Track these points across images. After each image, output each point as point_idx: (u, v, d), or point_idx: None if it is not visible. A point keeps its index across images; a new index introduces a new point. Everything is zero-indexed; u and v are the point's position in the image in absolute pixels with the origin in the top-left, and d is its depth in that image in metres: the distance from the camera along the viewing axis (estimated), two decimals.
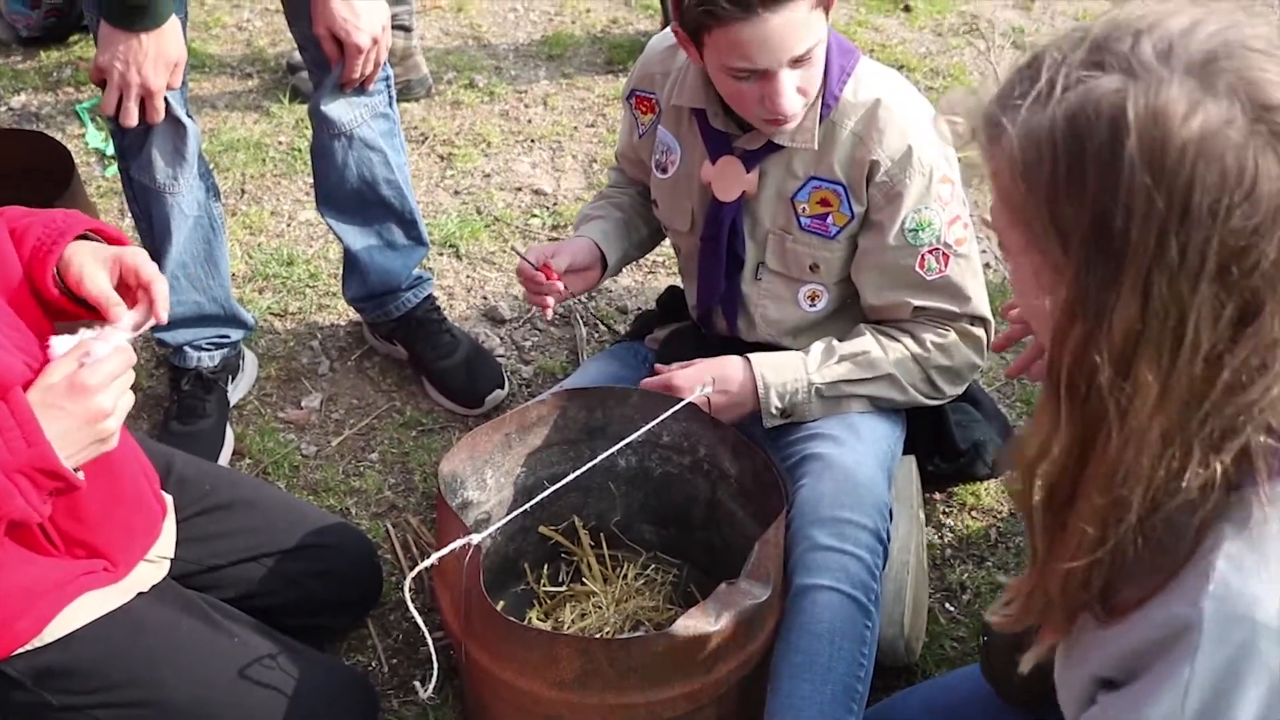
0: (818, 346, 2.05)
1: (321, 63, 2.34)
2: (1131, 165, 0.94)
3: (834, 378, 2.03)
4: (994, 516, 2.47)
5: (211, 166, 2.59)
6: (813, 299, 2.10)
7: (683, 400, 1.98)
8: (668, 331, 2.29)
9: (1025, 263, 1.08)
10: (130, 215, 2.45)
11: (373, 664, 2.20)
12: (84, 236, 1.71)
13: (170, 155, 2.30)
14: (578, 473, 1.88)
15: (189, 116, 2.28)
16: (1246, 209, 0.94)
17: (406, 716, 2.11)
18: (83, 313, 1.66)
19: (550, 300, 2.11)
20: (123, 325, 1.58)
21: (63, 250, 1.67)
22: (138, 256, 1.66)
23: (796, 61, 1.80)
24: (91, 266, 1.65)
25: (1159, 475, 1.02)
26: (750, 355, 2.05)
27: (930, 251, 1.98)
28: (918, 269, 1.99)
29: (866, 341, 2.04)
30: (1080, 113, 0.97)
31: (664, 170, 2.12)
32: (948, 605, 2.29)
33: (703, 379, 2.01)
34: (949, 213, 1.97)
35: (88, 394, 1.51)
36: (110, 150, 3.47)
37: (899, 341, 2.05)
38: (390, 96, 2.45)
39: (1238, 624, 1.02)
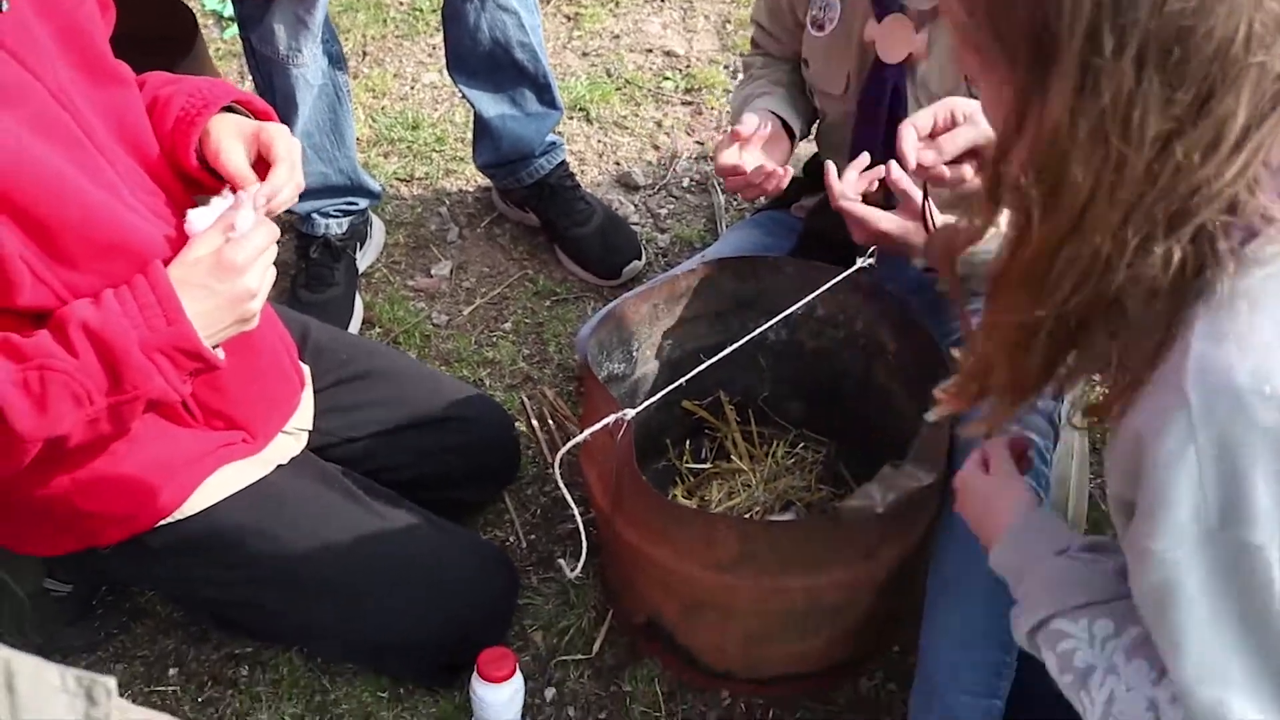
0: None
1: None
2: None
3: None
4: None
5: (335, 28, 2.49)
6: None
7: (845, 271, 1.85)
8: (817, 199, 2.15)
9: (985, 86, 1.08)
10: (251, 81, 2.37)
11: (510, 539, 2.15)
12: (228, 108, 1.64)
13: (293, 25, 2.22)
14: (733, 347, 1.78)
15: None
16: None
17: (546, 593, 2.06)
18: (221, 186, 1.59)
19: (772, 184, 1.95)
20: (257, 199, 1.50)
21: (205, 123, 1.60)
22: (277, 132, 1.58)
23: None
24: (229, 140, 1.58)
25: (1108, 257, 1.01)
26: None
27: None
28: None
29: None
30: None
31: (820, 28, 1.95)
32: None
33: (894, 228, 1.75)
34: None
35: (235, 272, 1.45)
36: (228, 11, 3.39)
37: None
38: None
39: (1221, 393, 0.99)
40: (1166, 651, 1.10)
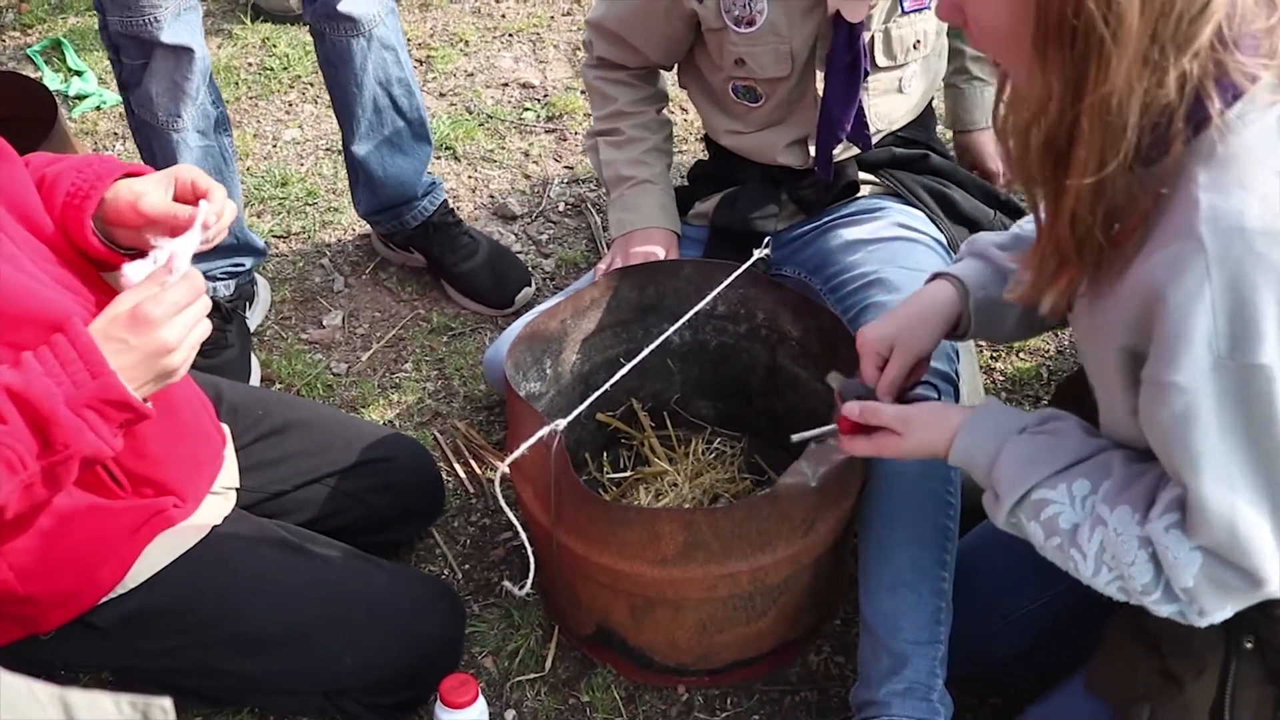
0: None
1: None
2: None
3: None
4: (1042, 356, 2.46)
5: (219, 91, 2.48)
6: (910, 81, 2.09)
7: (741, 266, 1.93)
8: (720, 197, 2.20)
9: None
10: (124, 148, 2.35)
11: (445, 572, 2.17)
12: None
13: (170, 90, 2.21)
14: (645, 352, 1.84)
15: (197, 39, 2.19)
16: None
17: (490, 618, 2.08)
18: (124, 260, 1.58)
19: None
20: (208, 218, 1.51)
21: (97, 199, 1.58)
22: (192, 171, 1.59)
23: None
24: (144, 185, 1.58)
25: (1142, 91, 1.13)
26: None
27: None
28: None
29: None
30: None
31: (750, 24, 1.99)
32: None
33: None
34: None
35: (150, 326, 1.43)
36: (71, 90, 3.34)
37: None
38: None
39: (1234, 236, 1.13)
40: (1183, 468, 1.22)
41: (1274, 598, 1.27)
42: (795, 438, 1.69)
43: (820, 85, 2.03)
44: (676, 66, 2.22)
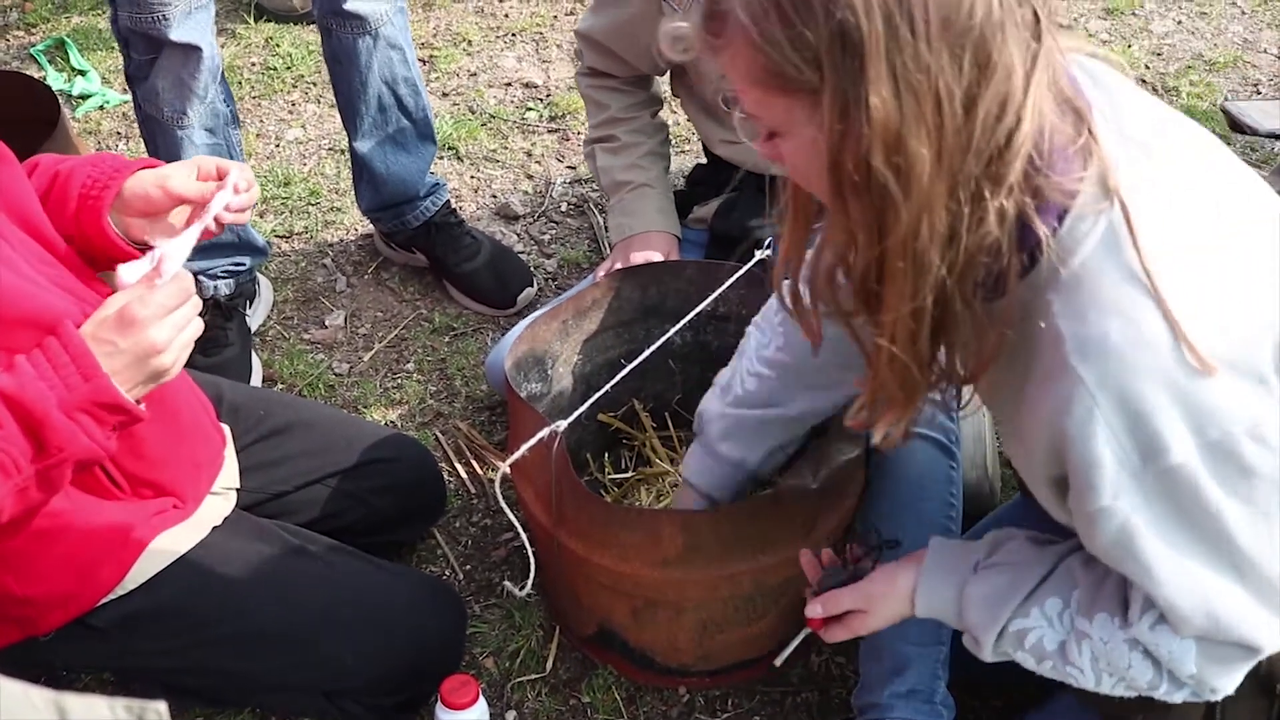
0: None
1: None
2: None
3: None
4: None
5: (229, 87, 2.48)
6: None
7: (743, 268, 1.93)
8: (718, 204, 2.21)
9: (791, 127, 1.14)
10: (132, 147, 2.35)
11: (447, 573, 2.16)
12: None
13: (176, 87, 2.21)
14: (645, 354, 1.84)
15: (206, 39, 2.19)
16: None
17: (491, 619, 2.08)
18: (137, 254, 1.58)
19: None
20: (187, 234, 1.51)
21: (118, 189, 1.59)
22: (213, 159, 1.60)
23: None
24: (170, 170, 1.59)
25: (951, 225, 1.10)
26: None
27: None
28: None
29: None
30: None
31: None
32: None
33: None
34: None
35: (138, 327, 1.43)
36: (75, 90, 3.34)
37: None
38: None
39: (1105, 359, 1.12)
40: (1143, 582, 1.23)
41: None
42: (778, 661, 1.75)
43: None
44: (669, 75, 2.23)
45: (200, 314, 2.48)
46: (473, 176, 2.97)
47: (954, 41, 1.03)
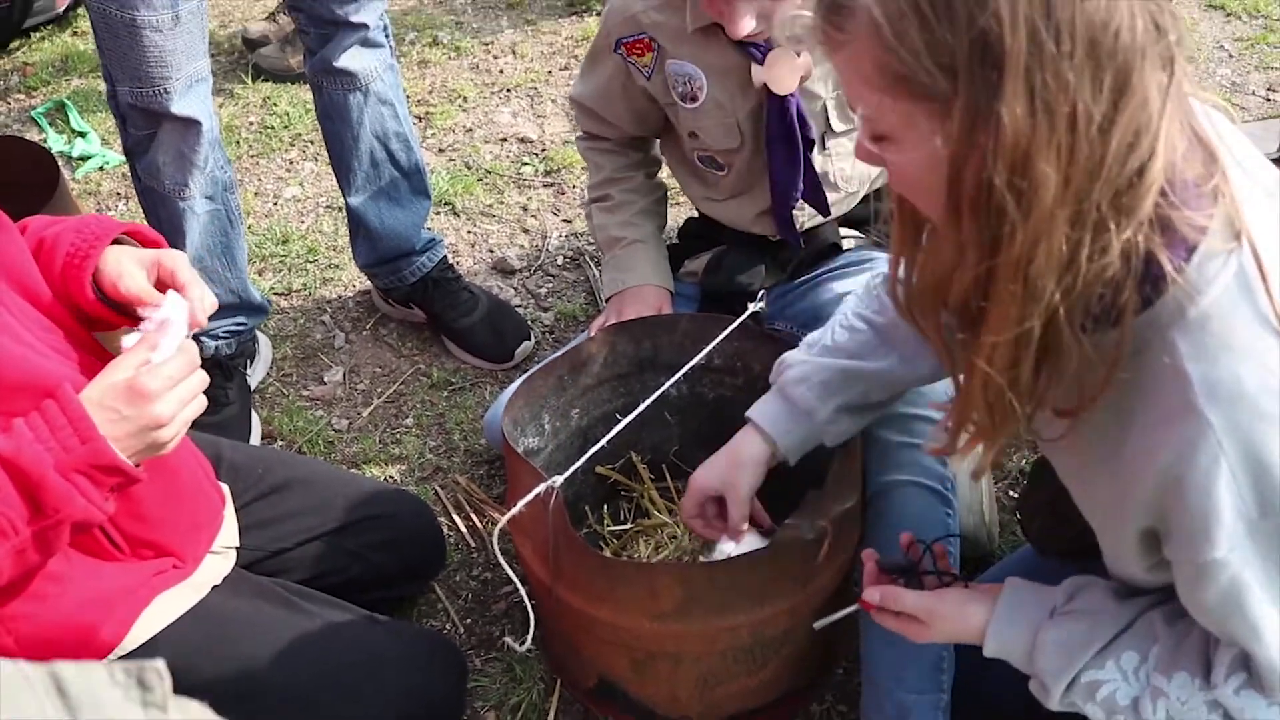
0: None
1: (321, 19, 2.27)
2: None
3: None
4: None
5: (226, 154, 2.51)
6: None
7: (736, 320, 1.94)
8: (708, 259, 2.24)
9: (908, 134, 1.10)
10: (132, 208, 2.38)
11: (447, 627, 2.17)
12: (119, 240, 1.66)
13: (177, 159, 2.23)
14: (641, 407, 1.85)
15: (206, 110, 2.22)
16: None
17: (492, 673, 2.08)
18: (124, 321, 1.60)
19: None
20: (194, 308, 1.52)
21: (97, 257, 1.60)
22: (176, 260, 1.60)
23: None
24: (129, 265, 1.59)
25: (1071, 253, 1.06)
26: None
27: None
28: None
29: None
30: None
31: (693, 99, 2.04)
32: (1011, 493, 2.28)
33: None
34: None
35: (146, 399, 1.45)
36: (75, 152, 3.38)
37: None
38: (392, 45, 2.40)
39: (1236, 404, 1.08)
40: (1247, 640, 1.18)
41: None
42: (818, 625, 1.73)
43: None
44: (659, 141, 2.27)
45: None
46: (469, 231, 2.99)
47: (1097, 63, 1.00)
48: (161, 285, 1.61)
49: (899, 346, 1.67)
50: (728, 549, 1.75)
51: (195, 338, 2.44)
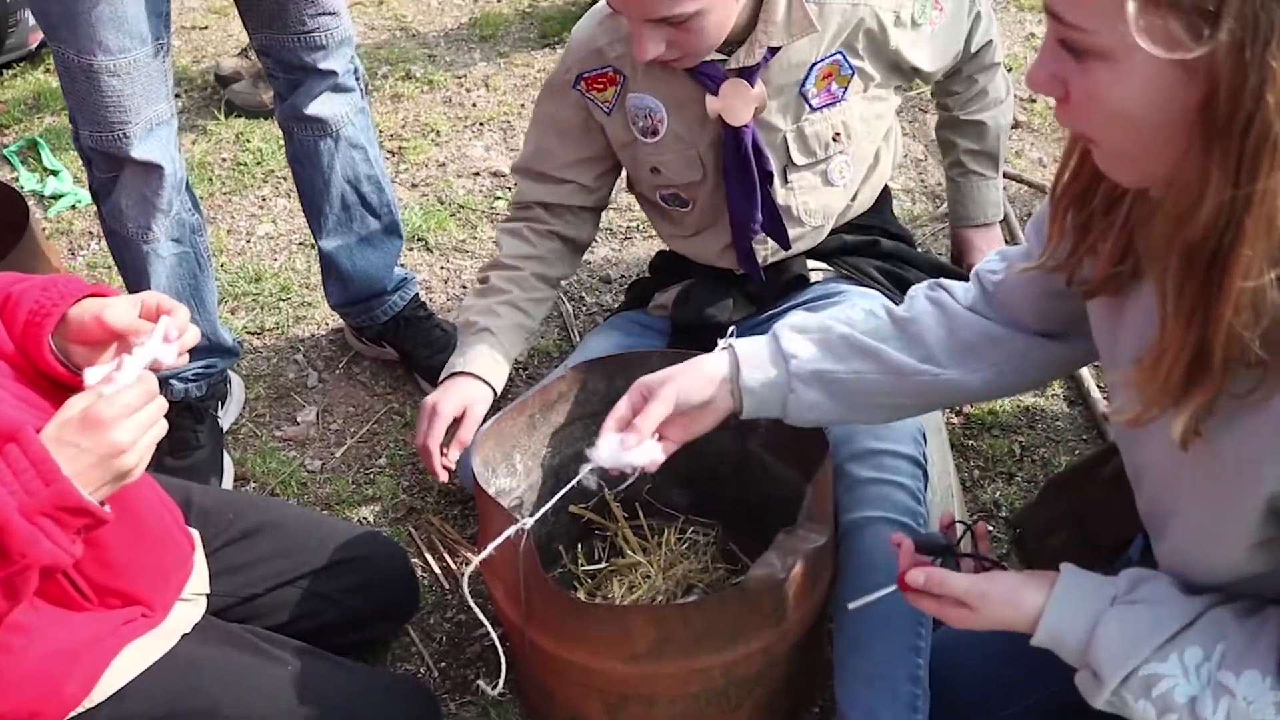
0: None
1: (290, 65, 2.26)
2: None
3: None
4: (1014, 433, 2.46)
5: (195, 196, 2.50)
6: (840, 174, 2.09)
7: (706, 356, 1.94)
8: (677, 292, 2.24)
9: (1132, 54, 1.02)
10: (90, 254, 2.36)
11: (421, 670, 2.15)
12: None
13: (140, 203, 2.21)
14: (559, 495, 1.83)
15: (169, 154, 2.19)
16: None
17: (465, 717, 2.07)
18: (77, 381, 1.58)
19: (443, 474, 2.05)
20: (169, 331, 1.51)
21: (58, 317, 1.59)
22: (157, 296, 1.60)
23: (661, 21, 1.77)
24: (111, 301, 1.58)
25: None
26: None
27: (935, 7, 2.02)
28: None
29: None
30: None
31: (654, 133, 2.05)
32: (989, 526, 2.27)
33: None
34: None
35: (101, 427, 1.43)
36: (47, 190, 3.37)
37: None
38: (363, 87, 2.39)
39: None
40: None
41: None
42: (852, 606, 1.62)
43: None
44: (626, 179, 2.26)
45: (166, 415, 2.51)
46: (442, 267, 2.99)
47: None
48: (146, 317, 1.61)
49: (915, 346, 1.62)
50: (598, 454, 1.66)
51: (164, 380, 2.44)
